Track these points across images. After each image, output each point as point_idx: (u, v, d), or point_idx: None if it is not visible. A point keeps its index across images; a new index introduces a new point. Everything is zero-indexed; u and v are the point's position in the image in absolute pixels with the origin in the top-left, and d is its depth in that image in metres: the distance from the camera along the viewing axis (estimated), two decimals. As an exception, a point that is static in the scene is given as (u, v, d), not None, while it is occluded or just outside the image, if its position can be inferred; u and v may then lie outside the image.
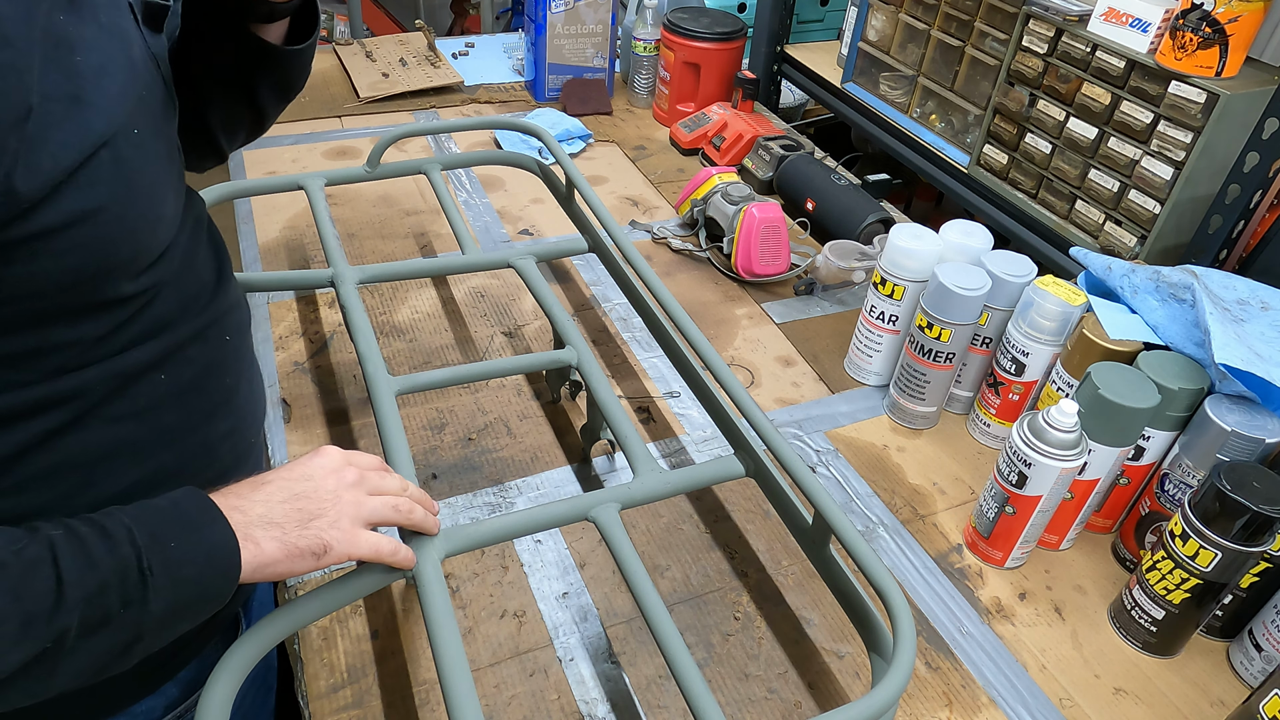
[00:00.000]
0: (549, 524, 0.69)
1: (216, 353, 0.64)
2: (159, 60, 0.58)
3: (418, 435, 0.94)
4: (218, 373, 0.64)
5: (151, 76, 0.56)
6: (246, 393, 0.68)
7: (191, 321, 0.60)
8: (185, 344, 0.60)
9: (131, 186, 0.51)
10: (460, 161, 1.17)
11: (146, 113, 0.53)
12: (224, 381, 0.65)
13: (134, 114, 0.51)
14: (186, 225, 0.61)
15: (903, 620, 0.60)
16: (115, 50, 0.51)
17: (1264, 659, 0.74)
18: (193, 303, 0.61)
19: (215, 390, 0.64)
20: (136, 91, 0.52)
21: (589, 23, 1.64)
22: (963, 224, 1.00)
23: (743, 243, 1.20)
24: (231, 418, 0.66)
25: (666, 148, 1.60)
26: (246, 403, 0.68)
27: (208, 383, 0.63)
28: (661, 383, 1.05)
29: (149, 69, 0.56)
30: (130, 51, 0.53)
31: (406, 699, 0.70)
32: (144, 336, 0.56)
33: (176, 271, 0.59)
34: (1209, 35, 1.02)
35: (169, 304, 0.58)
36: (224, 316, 0.65)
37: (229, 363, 0.65)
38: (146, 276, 0.55)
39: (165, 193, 0.55)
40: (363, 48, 1.82)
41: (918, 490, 0.93)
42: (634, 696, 0.72)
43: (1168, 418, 0.80)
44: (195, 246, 0.62)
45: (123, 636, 0.47)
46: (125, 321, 0.55)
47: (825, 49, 1.81)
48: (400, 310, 1.12)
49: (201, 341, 0.62)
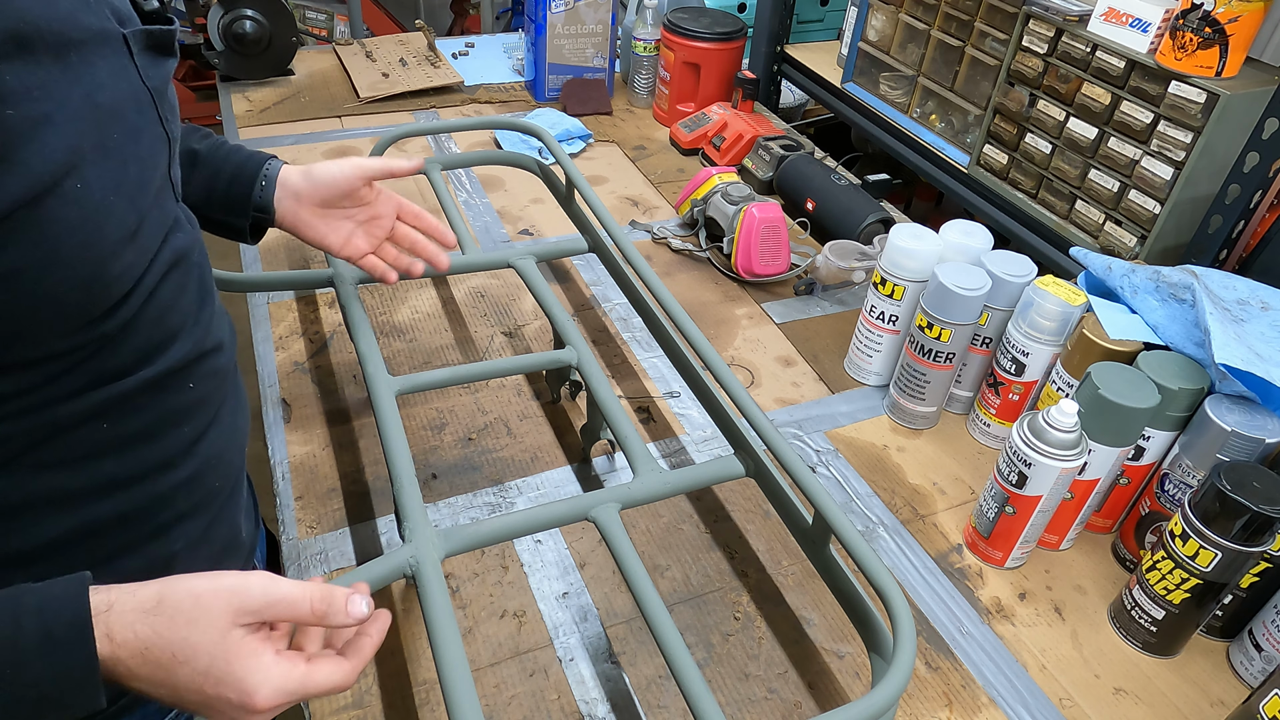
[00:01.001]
0: (549, 524, 0.69)
1: (177, 401, 0.58)
2: (155, 94, 0.53)
3: (418, 435, 0.94)
4: (175, 422, 0.58)
5: (134, 113, 0.51)
6: (215, 438, 0.62)
7: (147, 372, 0.55)
8: (135, 395, 0.54)
9: (58, 248, 0.46)
10: (460, 161, 1.17)
11: (105, 159, 0.48)
12: (181, 431, 0.59)
13: (81, 166, 0.46)
14: (158, 269, 0.55)
15: (903, 620, 0.60)
16: (72, 96, 0.46)
17: (1264, 659, 0.74)
18: (154, 352, 0.56)
19: (171, 440, 0.58)
20: (96, 139, 0.47)
21: (589, 23, 1.64)
22: (963, 224, 1.00)
23: (743, 243, 1.20)
24: (191, 466, 0.60)
25: (666, 148, 1.60)
26: (213, 448, 0.62)
27: (162, 432, 0.57)
28: (661, 383, 1.05)
29: (134, 108, 0.51)
30: (96, 95, 0.47)
31: (406, 699, 0.70)
32: (84, 389, 0.52)
33: (135, 321, 0.53)
34: (1209, 35, 1.02)
35: (121, 356, 0.53)
36: (193, 363, 0.59)
37: (193, 411, 0.60)
38: (85, 333, 0.50)
39: (116, 247, 0.50)
40: (363, 48, 1.82)
41: (918, 490, 0.93)
42: (634, 696, 0.72)
43: (1168, 418, 0.80)
44: (170, 292, 0.57)
45: None
46: (59, 375, 0.50)
47: (825, 49, 1.81)
48: (400, 310, 1.12)
49: (159, 390, 0.56)
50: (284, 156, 1.42)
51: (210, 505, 0.64)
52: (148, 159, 0.53)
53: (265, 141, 1.47)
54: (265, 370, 1.01)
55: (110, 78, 0.49)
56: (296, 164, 0.84)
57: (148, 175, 0.53)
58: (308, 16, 3.33)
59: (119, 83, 0.50)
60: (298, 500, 0.86)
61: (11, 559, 0.53)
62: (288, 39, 1.64)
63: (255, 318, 1.08)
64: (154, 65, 0.54)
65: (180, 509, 0.61)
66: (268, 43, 1.60)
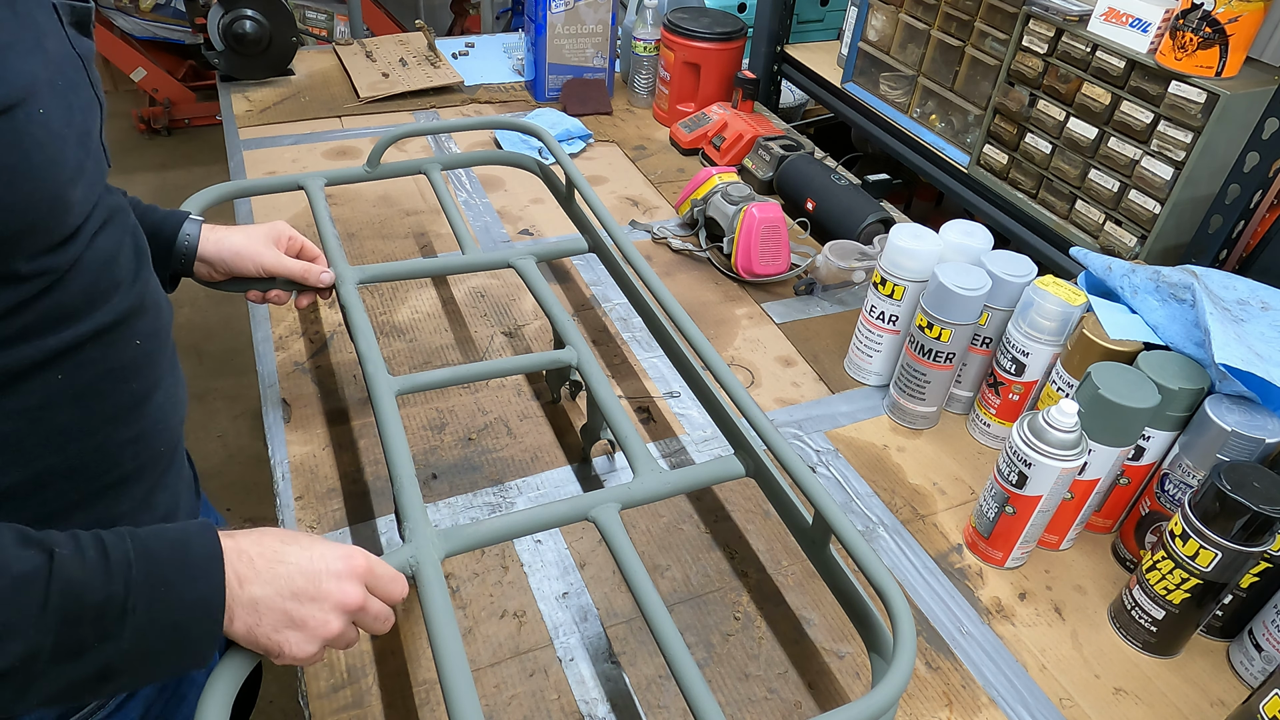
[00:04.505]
0: (549, 524, 0.69)
1: (123, 356, 0.62)
2: (85, 60, 0.59)
3: (418, 435, 0.94)
4: (123, 377, 0.62)
5: (71, 70, 0.57)
6: (160, 401, 0.66)
7: (95, 318, 0.59)
8: (85, 343, 0.58)
9: (28, 158, 0.51)
10: (460, 161, 1.17)
11: (57, 98, 0.54)
12: (129, 387, 0.63)
13: (40, 95, 0.52)
14: (98, 217, 0.60)
15: (903, 620, 0.60)
16: (25, 34, 0.52)
17: (1264, 659, 0.74)
18: (100, 298, 0.59)
19: (119, 395, 0.62)
20: (47, 76, 0.53)
21: (589, 23, 1.64)
22: (963, 224, 1.00)
23: (743, 243, 1.20)
24: (138, 425, 0.64)
25: (666, 148, 1.60)
26: (159, 411, 0.66)
27: (111, 387, 0.61)
28: (661, 383, 1.05)
29: (69, 64, 0.57)
30: (43, 40, 0.53)
31: (406, 699, 0.70)
32: (41, 328, 0.55)
33: (82, 262, 0.57)
34: (1209, 35, 1.02)
35: (71, 295, 0.57)
36: (134, 318, 0.63)
37: (138, 368, 0.63)
38: (46, 259, 0.54)
39: (72, 175, 0.55)
40: (363, 48, 1.82)
41: (918, 490, 0.93)
42: (634, 696, 0.72)
43: (1168, 418, 0.80)
44: (110, 243, 0.61)
45: (95, 667, 0.48)
46: (19, 305, 0.53)
47: (825, 49, 1.81)
48: (400, 310, 1.12)
49: (105, 344, 0.60)
50: (284, 156, 1.43)
51: (154, 467, 0.67)
52: (87, 111, 0.58)
53: (265, 141, 1.47)
54: (265, 370, 1.01)
55: (50, 31, 0.55)
56: (297, 164, 0.85)
57: (89, 125, 0.58)
58: (308, 16, 3.33)
59: (56, 40, 0.56)
60: (298, 500, 0.86)
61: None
62: (288, 39, 1.64)
63: (255, 318, 1.08)
64: (78, 40, 0.59)
65: (126, 469, 0.64)
66: (268, 43, 1.60)
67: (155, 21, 3.44)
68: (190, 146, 3.55)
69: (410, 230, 1.28)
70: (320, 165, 1.41)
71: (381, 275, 0.96)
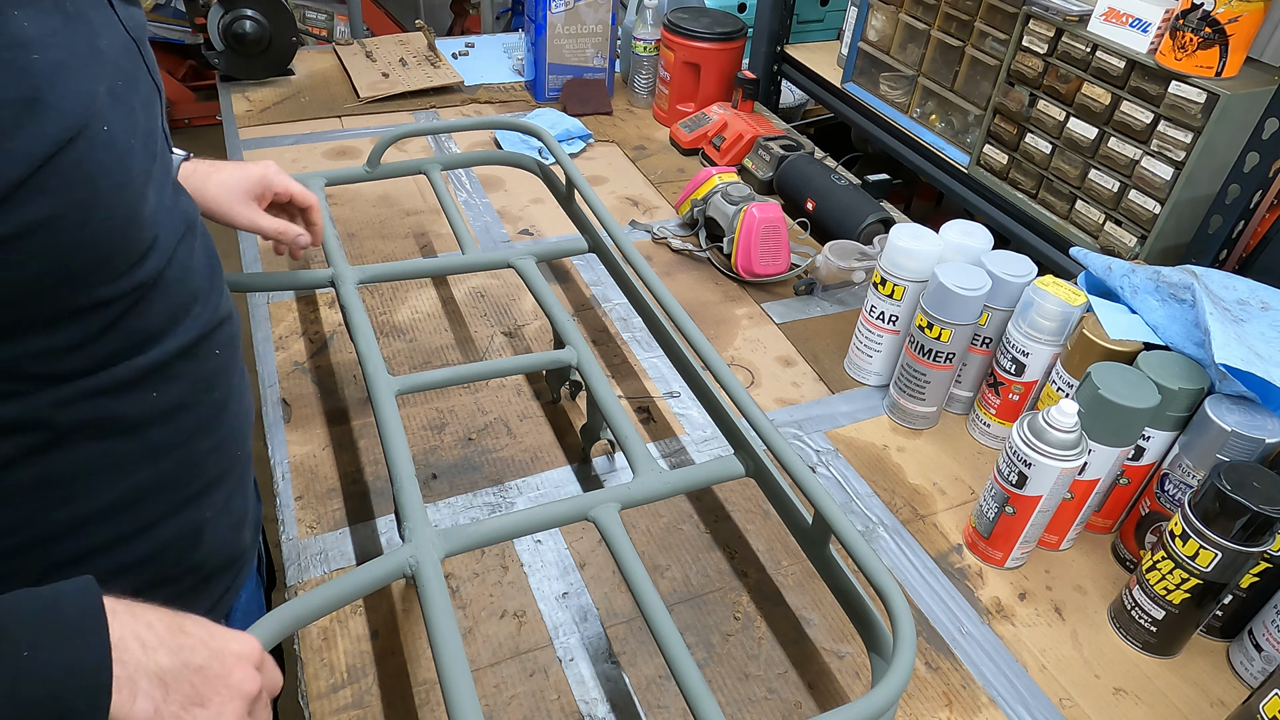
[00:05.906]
0: (549, 524, 0.69)
1: (205, 368, 0.62)
2: (139, 43, 0.57)
3: (418, 435, 0.94)
4: (207, 388, 0.62)
5: (129, 64, 0.54)
6: (235, 408, 0.67)
7: (179, 336, 0.59)
8: (173, 360, 0.58)
9: (96, 189, 0.48)
10: (460, 161, 1.17)
11: (118, 105, 0.51)
12: (212, 397, 0.63)
13: (102, 109, 0.49)
14: (173, 226, 0.59)
15: (903, 620, 0.60)
16: (79, 42, 0.49)
17: (1264, 659, 0.74)
18: (181, 314, 0.59)
19: (204, 406, 0.62)
20: (106, 84, 0.50)
21: (589, 23, 1.64)
22: (963, 224, 1.00)
23: (743, 243, 1.20)
24: (218, 433, 0.64)
25: (666, 148, 1.60)
26: (234, 418, 0.67)
27: (197, 399, 0.61)
28: (661, 383, 1.05)
29: (126, 56, 0.54)
30: (97, 41, 0.51)
31: (406, 699, 0.70)
32: (130, 350, 0.55)
33: (162, 274, 0.56)
34: (1209, 35, 1.02)
35: (156, 314, 0.56)
36: (214, 330, 0.63)
37: (219, 378, 0.64)
38: (127, 279, 0.53)
39: (142, 189, 0.53)
40: (363, 48, 1.82)
41: (918, 490, 0.93)
42: (634, 696, 0.72)
43: (1168, 418, 0.80)
44: (184, 250, 0.60)
45: None
46: (106, 328, 0.53)
47: (825, 49, 1.81)
48: (400, 310, 1.12)
49: (190, 358, 0.60)
50: (284, 156, 1.43)
51: (233, 472, 0.68)
52: (148, 106, 0.56)
53: (265, 141, 1.47)
54: (265, 370, 1.01)
55: (103, 26, 0.52)
56: (297, 164, 0.85)
57: (152, 124, 0.56)
58: (308, 16, 3.33)
59: (110, 31, 0.53)
60: (298, 500, 0.86)
61: (62, 528, 0.55)
62: (288, 39, 1.64)
63: (255, 318, 1.08)
64: (129, 13, 0.57)
65: (210, 475, 0.64)
66: (268, 43, 1.60)
67: (155, 21, 3.44)
68: (190, 146, 3.49)
69: (410, 230, 1.28)
70: (320, 165, 1.41)
71: (381, 275, 0.96)
